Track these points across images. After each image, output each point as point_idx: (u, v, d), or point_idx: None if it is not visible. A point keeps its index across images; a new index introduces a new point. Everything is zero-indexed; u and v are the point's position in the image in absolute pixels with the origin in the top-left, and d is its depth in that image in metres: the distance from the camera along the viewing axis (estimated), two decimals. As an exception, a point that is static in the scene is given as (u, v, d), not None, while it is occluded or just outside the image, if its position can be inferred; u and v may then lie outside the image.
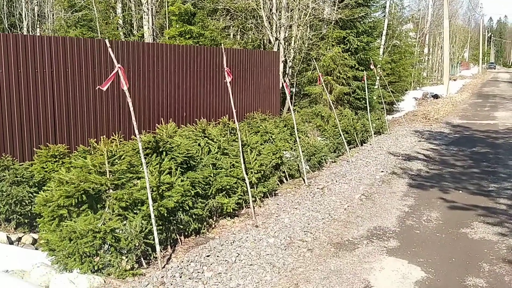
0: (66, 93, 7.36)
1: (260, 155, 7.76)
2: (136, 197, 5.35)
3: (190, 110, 9.81)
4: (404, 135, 13.73)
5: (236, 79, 11.06)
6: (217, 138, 7.41)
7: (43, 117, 7.13)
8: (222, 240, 5.80)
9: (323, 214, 6.67)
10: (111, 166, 5.47)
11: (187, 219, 5.85)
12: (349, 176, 8.85)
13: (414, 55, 31.55)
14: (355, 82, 15.60)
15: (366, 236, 5.88)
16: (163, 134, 6.36)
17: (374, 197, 7.54)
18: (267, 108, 12.61)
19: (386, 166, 9.65)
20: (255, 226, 6.31)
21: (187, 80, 9.53)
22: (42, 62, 7.01)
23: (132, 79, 8.30)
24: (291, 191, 8.09)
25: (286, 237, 5.83)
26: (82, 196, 5.19)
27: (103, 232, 4.93)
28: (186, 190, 5.81)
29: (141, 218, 5.26)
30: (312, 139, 10.44)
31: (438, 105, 21.99)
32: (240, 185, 6.89)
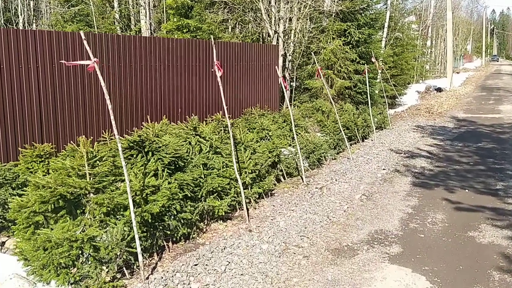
0: (53, 88, 6.99)
1: (255, 154, 7.36)
2: (118, 202, 4.96)
3: (185, 106, 9.42)
4: (407, 130, 13.30)
5: (233, 74, 10.67)
6: (209, 136, 7.01)
7: (29, 114, 6.77)
8: (213, 246, 5.42)
9: (321, 217, 6.28)
10: (91, 169, 5.09)
11: (175, 224, 5.46)
12: (349, 175, 8.45)
13: (417, 48, 31.05)
14: (357, 75, 15.17)
15: (367, 241, 5.49)
16: (150, 132, 5.96)
17: (375, 197, 7.14)
18: (266, 103, 12.21)
19: (388, 164, 9.24)
20: (248, 230, 5.92)
21: (181, 75, 9.13)
22: (26, 57, 6.63)
23: (124, 74, 7.92)
24: (289, 190, 7.69)
25: (281, 243, 5.45)
26: (59, 201, 4.81)
27: (80, 241, 4.55)
28: (174, 193, 5.42)
29: (123, 224, 4.88)
30: (311, 136, 10.04)
31: (441, 98, 21.53)
32: (233, 186, 6.51)
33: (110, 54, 7.74)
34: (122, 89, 7.99)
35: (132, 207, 4.61)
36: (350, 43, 15.01)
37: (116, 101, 7.90)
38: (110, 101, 7.88)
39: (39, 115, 6.94)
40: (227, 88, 10.54)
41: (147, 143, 5.73)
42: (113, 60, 7.81)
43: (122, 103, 8.01)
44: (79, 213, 5.04)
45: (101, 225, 5.02)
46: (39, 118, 6.96)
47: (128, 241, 4.83)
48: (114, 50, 7.79)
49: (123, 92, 8.00)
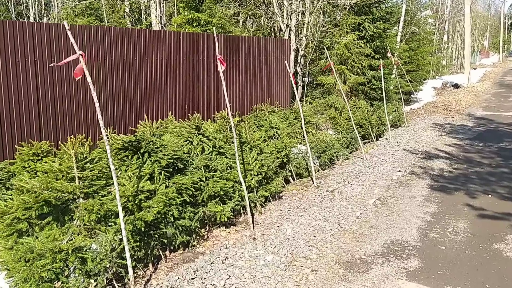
0: (52, 83, 6.60)
1: (262, 154, 6.89)
2: (109, 208, 4.54)
3: (192, 102, 8.98)
4: (424, 129, 12.71)
5: (243, 69, 10.21)
6: (213, 135, 6.56)
7: (26, 110, 6.40)
8: (213, 256, 4.97)
9: (332, 224, 5.79)
10: (80, 171, 4.67)
11: (173, 231, 5.03)
12: (362, 177, 7.94)
13: (433, 42, 30.22)
14: (371, 71, 14.61)
15: (382, 253, 5.00)
16: (147, 132, 5.53)
17: (390, 202, 6.62)
18: (277, 99, 11.73)
19: (404, 165, 8.70)
20: (252, 238, 5.47)
21: (188, 70, 8.68)
22: (23, 50, 6.25)
23: (127, 69, 7.50)
24: (298, 193, 7.22)
25: (288, 254, 4.98)
26: (43, 207, 4.40)
27: (65, 252, 4.14)
28: (171, 198, 4.98)
29: (113, 233, 4.45)
30: (323, 134, 9.53)
31: (459, 95, 20.81)
32: (237, 189, 6.05)
33: (113, 47, 7.33)
34: (126, 85, 7.57)
35: (121, 215, 4.17)
36: (364, 37, 14.45)
37: (120, 96, 7.50)
38: (113, 97, 7.60)
39: (37, 111, 6.57)
40: (237, 83, 10.09)
41: (143, 143, 5.30)
42: (115, 54, 7.40)
43: (126, 99, 7.60)
44: (67, 219, 4.63)
45: (91, 234, 4.63)
46: (37, 114, 6.59)
47: (119, 251, 4.42)
48: (117, 44, 7.38)
49: (127, 87, 7.59)
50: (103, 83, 7.26)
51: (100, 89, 7.20)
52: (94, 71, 7.09)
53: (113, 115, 7.53)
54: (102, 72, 7.24)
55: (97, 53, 7.12)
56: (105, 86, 7.29)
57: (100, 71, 7.20)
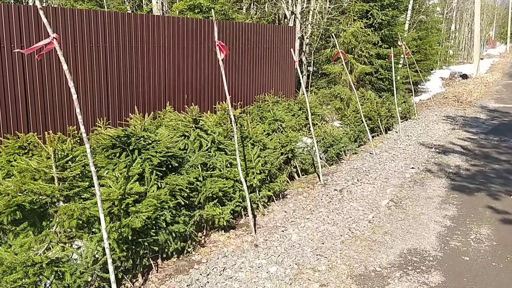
0: (40, 72, 6.07)
1: (265, 150, 6.34)
2: (92, 214, 4.01)
3: (192, 92, 8.42)
4: (435, 121, 12.11)
5: (246, 57, 9.63)
6: (212, 129, 6.01)
7: (12, 101, 5.89)
8: (210, 266, 4.45)
9: (341, 229, 5.26)
10: (60, 171, 4.13)
11: (165, 238, 4.50)
12: (373, 174, 7.39)
13: (441, 31, 29.43)
14: (378, 60, 13.99)
15: (399, 265, 4.46)
16: (138, 126, 4.97)
17: (405, 204, 6.08)
18: (281, 89, 11.15)
19: (417, 161, 8.14)
20: (254, 245, 4.94)
21: (189, 58, 8.11)
22: (9, 36, 5.72)
23: (123, 57, 6.94)
24: (303, 191, 6.68)
25: (293, 264, 4.45)
26: (16, 212, 3.87)
27: (39, 265, 3.61)
28: (163, 201, 4.44)
29: (96, 242, 3.93)
30: (329, 127, 8.96)
31: (468, 86, 20.14)
32: (238, 189, 5.52)
33: (107, 33, 6.76)
34: (122, 73, 7.03)
35: (104, 223, 3.64)
36: (372, 25, 13.83)
37: (115, 85, 6.96)
38: (107, 85, 7.04)
39: (24, 101, 6.06)
40: (239, 73, 9.51)
41: (133, 139, 4.75)
42: (110, 40, 6.83)
43: (122, 88, 7.06)
44: (45, 225, 4.11)
45: (72, 242, 4.11)
46: (25, 105, 6.07)
47: (103, 263, 3.90)
48: (111, 29, 6.81)
49: (123, 76, 7.04)
50: (96, 70, 6.72)
51: (93, 77, 6.68)
52: (87, 58, 6.55)
53: (107, 105, 7.00)
54: (96, 59, 6.69)
55: (90, 39, 6.57)
56: (99, 74, 6.75)
57: (93, 58, 6.65)
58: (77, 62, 6.46)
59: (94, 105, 6.79)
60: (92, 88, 6.70)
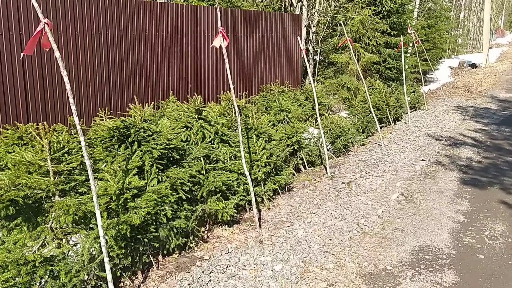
0: (40, 60, 5.89)
1: (270, 142, 6.13)
2: (88, 209, 3.82)
3: (196, 81, 8.21)
4: (445, 112, 11.82)
5: (251, 45, 9.39)
6: (215, 120, 5.79)
7: (11, 89, 5.71)
8: (212, 263, 4.27)
9: (350, 224, 5.05)
10: (56, 165, 3.94)
11: (166, 233, 4.32)
12: (381, 166, 7.16)
13: (450, 20, 28.90)
14: (387, 49, 13.67)
15: (410, 263, 4.26)
16: (137, 117, 4.77)
17: (416, 198, 5.86)
18: (287, 79, 10.91)
19: (428, 153, 7.89)
20: (259, 241, 4.75)
21: (193, 46, 7.88)
22: (7, 23, 5.53)
23: (126, 44, 6.73)
24: (310, 184, 6.47)
25: (299, 262, 4.25)
26: (9, 208, 3.69)
27: (32, 264, 3.44)
28: (164, 195, 4.25)
29: (93, 239, 3.75)
30: (337, 118, 8.72)
31: (478, 75, 19.75)
32: (242, 182, 5.32)
33: (109, 20, 6.55)
34: (124, 61, 6.83)
35: (100, 220, 3.45)
36: (380, 12, 13.48)
37: (116, 74, 6.77)
38: (109, 74, 6.84)
39: (23, 90, 5.89)
40: (244, 61, 9.28)
41: (133, 130, 4.55)
42: (112, 27, 6.62)
43: (124, 76, 6.87)
44: (41, 221, 3.93)
45: (68, 238, 3.94)
46: (24, 94, 5.90)
47: (99, 261, 3.72)
48: (113, 17, 6.59)
49: (125, 64, 6.85)
50: (98, 59, 6.52)
51: (94, 66, 6.48)
52: (88, 46, 6.35)
53: (109, 94, 6.82)
54: (97, 47, 6.49)
55: (90, 26, 6.36)
56: (100, 62, 6.55)
57: (94, 46, 6.44)
58: (77, 50, 6.26)
59: (96, 95, 6.60)
60: (93, 77, 6.51)
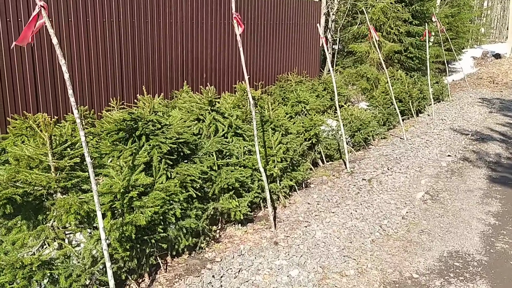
0: (50, 48, 5.67)
1: (287, 135, 5.80)
2: (91, 209, 3.56)
3: (210, 71, 7.91)
4: (470, 104, 11.31)
5: (268, 33, 9.04)
6: (229, 112, 5.48)
7: (20, 78, 5.51)
8: (224, 266, 3.98)
9: (371, 226, 4.72)
10: (57, 160, 3.68)
11: (175, 234, 4.04)
12: (404, 162, 6.78)
13: (474, 9, 27.98)
14: (408, 38, 13.19)
15: (439, 271, 3.91)
16: (146, 109, 4.48)
17: (443, 197, 5.48)
18: (305, 68, 10.55)
19: (454, 148, 7.47)
20: (273, 242, 4.45)
21: (207, 34, 7.57)
22: (16, 10, 5.31)
23: (138, 32, 6.45)
24: (328, 180, 6.14)
25: (317, 267, 3.94)
26: (6, 206, 3.44)
27: (29, 268, 3.19)
28: (173, 193, 3.97)
29: (95, 241, 3.48)
30: (357, 109, 8.34)
31: (503, 66, 19.03)
32: (257, 178, 5.01)
33: (121, 7, 6.28)
34: (136, 50, 6.60)
35: (101, 223, 3.18)
36: (402, 0, 12.98)
37: (129, 63, 6.54)
38: (121, 63, 6.57)
39: (33, 79, 5.68)
40: (261, 50, 8.94)
41: (140, 123, 4.26)
42: (124, 15, 6.34)
43: (136, 65, 6.63)
44: (41, 219, 3.69)
45: (71, 237, 3.69)
46: (33, 83, 5.70)
47: (102, 264, 3.46)
48: (125, 3, 6.32)
49: (137, 53, 6.63)
50: (110, 47, 6.27)
51: (106, 54, 6.24)
52: (99, 34, 6.09)
53: (121, 84, 6.57)
54: (109, 35, 6.23)
55: (102, 13, 6.09)
56: (112, 51, 6.30)
57: (106, 34, 6.18)
58: (89, 38, 6.01)
59: (108, 84, 6.36)
60: (105, 66, 6.27)
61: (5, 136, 5.13)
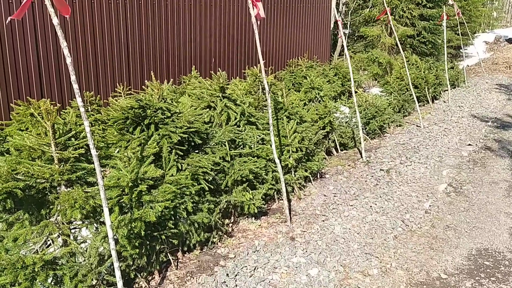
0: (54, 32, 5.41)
1: (302, 124, 5.52)
2: (97, 203, 3.31)
3: (219, 55, 7.61)
4: (488, 90, 10.95)
5: (277, 17, 8.71)
6: (241, 98, 5.20)
7: (23, 62, 5.26)
8: (238, 263, 3.75)
9: (393, 220, 4.46)
10: (61, 150, 3.43)
11: (186, 229, 3.81)
12: (423, 151, 6.50)
13: (486, -8, 27.29)
14: (421, 22, 12.79)
15: (468, 270, 3.66)
16: (154, 96, 4.21)
17: (466, 190, 5.21)
18: (315, 53, 10.22)
19: (474, 137, 7.17)
20: (290, 238, 4.20)
21: (215, 16, 7.26)
22: None
23: (145, 14, 6.17)
24: (344, 170, 5.88)
25: (338, 266, 3.70)
26: (6, 200, 3.21)
27: (31, 268, 2.96)
28: (184, 185, 3.72)
29: (102, 238, 3.25)
30: (372, 96, 8.03)
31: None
32: (271, 169, 4.75)
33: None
34: (143, 33, 6.34)
35: (108, 218, 2.93)
36: (416, -18, 12.57)
37: (136, 47, 6.27)
38: (128, 47, 6.28)
39: (36, 63, 5.42)
40: (270, 34, 8.61)
41: (149, 111, 4.00)
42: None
43: (143, 50, 6.39)
44: (44, 214, 3.45)
45: (75, 234, 3.46)
46: (37, 67, 5.45)
47: (110, 263, 3.23)
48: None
49: (144, 36, 6.35)
50: (115, 30, 5.99)
51: (112, 37, 5.96)
52: (105, 16, 5.82)
53: (128, 69, 6.32)
54: (115, 18, 5.94)
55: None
56: (118, 34, 6.02)
57: (112, 15, 5.90)
58: (93, 19, 5.74)
59: (114, 69, 6.10)
60: (110, 50, 6.00)
61: (9, 122, 4.91)
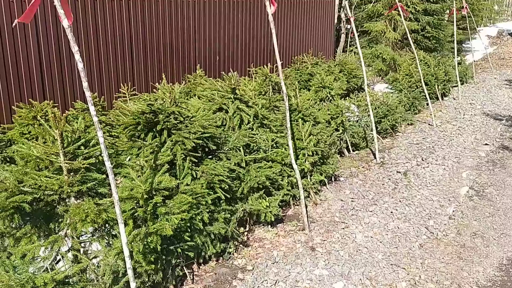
0: (56, 33, 5.19)
1: (316, 125, 5.31)
2: (110, 217, 3.10)
3: (224, 54, 7.39)
4: (497, 86, 10.74)
5: (282, 13, 8.47)
6: (253, 100, 4.99)
7: (25, 63, 5.04)
8: (258, 276, 3.55)
9: (416, 227, 4.26)
10: (70, 160, 3.22)
11: (202, 240, 3.60)
12: (439, 151, 6.30)
13: (488, -15, 27.04)
14: (426, 17, 12.58)
15: (502, 283, 3.47)
16: (166, 100, 3.99)
17: (489, 193, 5.01)
18: (319, 50, 10.00)
19: (490, 136, 6.97)
20: (310, 247, 4.00)
21: (220, 13, 7.03)
22: None
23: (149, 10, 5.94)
24: (358, 172, 5.68)
25: (363, 278, 3.50)
26: (13, 216, 3.00)
27: None
28: (199, 194, 3.51)
29: (116, 255, 3.04)
30: (383, 94, 7.81)
31: (522, 45, 18.34)
32: (287, 174, 4.55)
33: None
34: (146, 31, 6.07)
35: (124, 236, 2.72)
36: (420, -24, 12.37)
37: (139, 45, 6.05)
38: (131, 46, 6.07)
39: (38, 64, 5.21)
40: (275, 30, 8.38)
41: (161, 116, 3.78)
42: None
43: (147, 48, 6.15)
44: (54, 228, 3.25)
45: (86, 249, 3.25)
46: (39, 68, 5.24)
47: (125, 282, 3.03)
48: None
49: (148, 34, 6.10)
50: (119, 28, 5.77)
51: (115, 36, 5.74)
52: (108, 13, 5.60)
53: (132, 68, 6.09)
54: (118, 15, 5.72)
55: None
56: (121, 32, 5.80)
57: (115, 13, 5.68)
58: (96, 18, 5.50)
59: (118, 69, 5.88)
60: (114, 48, 5.77)
61: (11, 126, 4.71)
